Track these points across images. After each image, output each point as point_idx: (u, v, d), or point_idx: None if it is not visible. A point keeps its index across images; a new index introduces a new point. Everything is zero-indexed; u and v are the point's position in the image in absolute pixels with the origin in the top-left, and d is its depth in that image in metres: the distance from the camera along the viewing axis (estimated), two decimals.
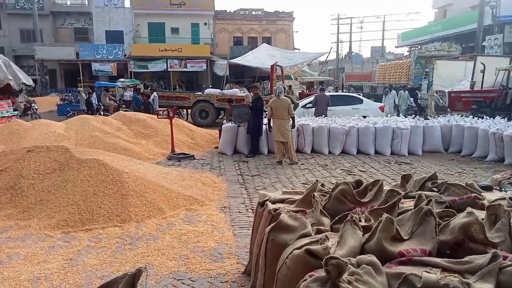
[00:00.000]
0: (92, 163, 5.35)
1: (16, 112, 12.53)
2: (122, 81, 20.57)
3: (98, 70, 27.75)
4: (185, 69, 28.38)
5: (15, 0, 28.74)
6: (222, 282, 3.18)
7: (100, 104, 16.10)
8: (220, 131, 9.60)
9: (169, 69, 27.87)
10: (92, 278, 3.23)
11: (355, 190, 2.78)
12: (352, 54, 46.06)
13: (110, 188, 4.92)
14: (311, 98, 12.34)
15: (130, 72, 27.48)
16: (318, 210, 2.52)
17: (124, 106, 17.29)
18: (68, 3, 29.73)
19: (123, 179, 5.07)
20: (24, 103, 13.84)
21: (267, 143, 9.06)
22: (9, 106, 12.28)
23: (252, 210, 5.05)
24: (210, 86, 23.58)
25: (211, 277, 3.27)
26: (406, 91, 16.40)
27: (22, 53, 28.70)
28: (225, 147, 9.02)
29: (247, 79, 27.29)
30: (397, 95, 16.07)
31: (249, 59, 20.12)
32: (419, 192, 2.69)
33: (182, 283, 3.18)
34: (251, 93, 9.89)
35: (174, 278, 3.24)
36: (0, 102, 11.69)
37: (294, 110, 9.05)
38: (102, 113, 14.95)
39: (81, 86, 22.10)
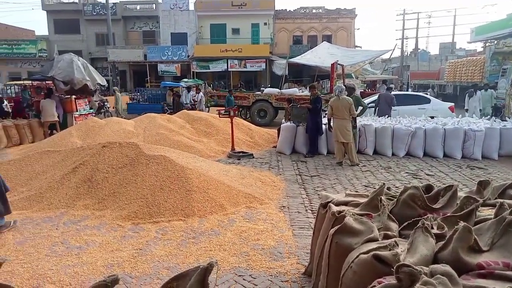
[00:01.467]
0: (159, 159, 5.65)
1: (92, 110, 13.63)
2: (185, 81, 21.44)
3: (164, 70, 29.21)
4: (244, 69, 28.85)
5: (92, 7, 31.24)
6: (282, 282, 3.19)
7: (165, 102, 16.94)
8: (278, 130, 9.62)
9: (229, 69, 28.53)
10: (160, 268, 3.41)
11: (426, 195, 2.63)
12: (419, 51, 43.62)
13: (175, 183, 5.16)
14: (374, 97, 11.90)
15: (193, 72, 28.57)
16: (385, 214, 2.42)
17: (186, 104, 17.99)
18: (138, 7, 31.63)
19: (187, 175, 5.29)
20: (98, 102, 14.97)
21: (326, 143, 8.91)
22: (86, 105, 13.38)
23: (312, 211, 5.00)
24: (269, 85, 23.71)
25: (271, 275, 3.29)
26: (491, 90, 14.21)
27: (96, 56, 31.11)
28: (284, 146, 9.02)
29: (306, 78, 27.06)
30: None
31: (309, 58, 19.91)
32: (500, 200, 2.47)
33: (243, 279, 3.23)
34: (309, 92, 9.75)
35: (236, 274, 3.31)
36: (78, 101, 12.78)
37: (362, 113, 8.76)
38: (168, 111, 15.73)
39: (149, 86, 23.45)
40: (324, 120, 8.98)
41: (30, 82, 15.35)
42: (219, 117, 10.02)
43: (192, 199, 4.92)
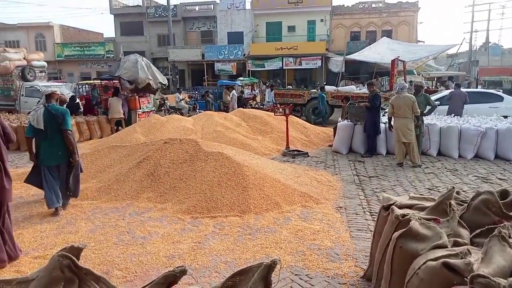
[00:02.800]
0: (217, 156, 5.80)
1: (153, 108, 14.33)
2: (241, 80, 21.78)
3: (220, 69, 29.93)
4: (299, 67, 28.64)
5: (155, 10, 32.83)
6: (340, 284, 3.13)
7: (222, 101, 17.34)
8: (335, 129, 9.43)
9: (284, 67, 28.49)
10: (218, 262, 3.50)
11: (501, 202, 2.43)
12: (490, 44, 40.28)
13: (232, 180, 5.26)
14: (439, 95, 11.20)
15: (248, 71, 28.93)
16: (455, 220, 2.27)
17: (243, 103, 18.28)
18: (197, 8, 32.67)
19: (244, 172, 5.37)
20: (159, 100, 15.69)
21: (386, 143, 8.56)
22: (149, 103, 14.10)
23: (370, 212, 4.84)
24: (325, 83, 23.30)
25: (328, 276, 3.24)
26: None
27: (158, 56, 32.66)
28: (340, 145, 8.82)
29: (364, 75, 26.17)
30: None
31: (367, 54, 19.23)
32: None
33: (300, 278, 3.22)
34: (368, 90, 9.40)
35: (292, 273, 3.30)
36: (142, 99, 13.50)
37: (431, 112, 8.28)
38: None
39: (206, 84, 24.16)
40: (384, 119, 8.63)
41: (99, 81, 16.50)
42: (275, 115, 10.05)
43: (248, 196, 4.99)
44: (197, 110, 16.10)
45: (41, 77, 17.06)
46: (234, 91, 16.93)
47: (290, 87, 21.45)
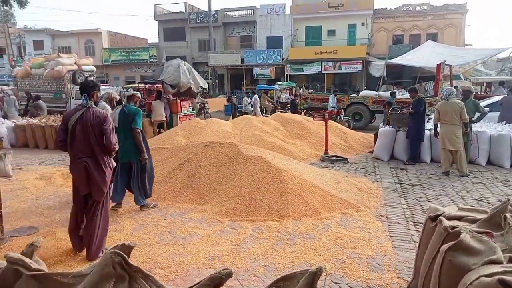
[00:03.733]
0: (256, 159, 5.84)
1: (194, 111, 14.67)
2: (279, 84, 21.81)
3: (259, 74, 30.14)
4: (339, 71, 28.24)
5: (196, 15, 33.70)
6: None
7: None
8: (376, 135, 9.20)
9: (323, 71, 28.20)
10: (256, 265, 3.52)
11: None
12: None
13: (270, 184, 5.27)
14: (489, 101, 10.61)
15: (287, 75, 28.91)
16: (511, 234, 2.14)
17: (280, 108, 18.32)
18: (237, 14, 33.16)
19: (283, 177, 5.36)
20: (199, 103, 16.03)
21: (430, 150, 8.23)
22: (189, 106, 14.46)
23: (413, 222, 4.67)
24: (365, 87, 22.83)
25: (369, 287, 3.16)
26: None
27: (198, 61, 33.44)
28: (381, 152, 8.58)
29: (406, 80, 25.39)
30: None
31: (410, 58, 18.63)
32: None
33: (340, 287, 3.16)
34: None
35: (332, 281, 3.25)
36: (183, 103, 13.87)
37: (481, 119, 7.88)
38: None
39: (244, 89, 24.41)
40: (428, 125, 8.30)
41: (143, 85, 17.15)
42: (314, 120, 9.97)
43: (287, 200, 4.98)
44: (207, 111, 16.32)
45: None
46: (255, 95, 16.95)
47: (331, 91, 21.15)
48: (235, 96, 19.84)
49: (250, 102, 16.82)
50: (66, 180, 6.78)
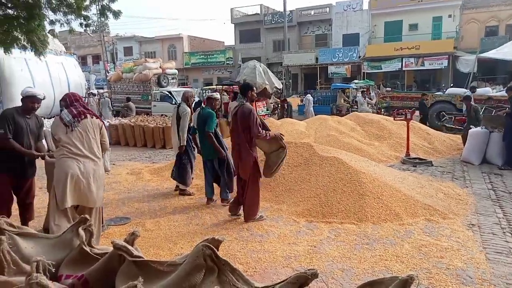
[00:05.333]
0: (332, 160, 5.74)
1: (268, 111, 14.90)
2: (356, 83, 21.12)
3: (334, 72, 29.52)
4: (421, 67, 26.45)
5: (271, 16, 34.10)
6: None
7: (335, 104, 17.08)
8: (463, 136, 8.46)
9: (403, 68, 26.65)
10: (334, 268, 3.46)
11: None
12: None
13: (348, 186, 5.15)
14: None
15: (363, 73, 27.90)
16: None
17: (356, 107, 17.73)
18: (312, 12, 32.84)
19: (361, 179, 5.20)
20: (273, 103, 16.21)
21: None
22: (264, 106, 14.71)
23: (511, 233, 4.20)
24: (451, 85, 21.05)
25: None
26: None
27: (273, 61, 33.79)
28: (472, 155, 7.86)
29: (501, 76, 22.84)
30: None
31: (507, 51, 16.75)
32: None
33: None
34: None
35: None
36: (258, 103, 14.16)
37: None
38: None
39: (318, 88, 24.10)
40: None
41: (220, 86, 17.86)
42: (394, 119, 9.49)
43: (365, 203, 4.82)
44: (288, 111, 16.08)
45: (173, 84, 19.25)
46: (308, 95, 16.47)
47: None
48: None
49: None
50: (153, 176, 7.35)
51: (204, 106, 5.62)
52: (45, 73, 14.50)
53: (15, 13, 10.65)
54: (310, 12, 32.83)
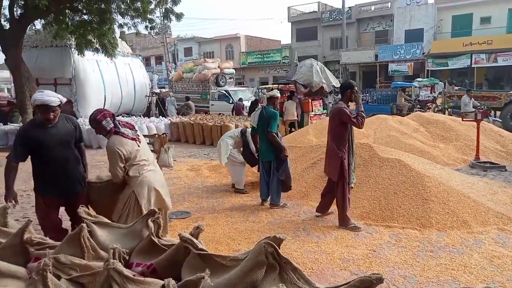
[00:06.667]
0: (393, 162, 5.51)
1: (325, 110, 14.64)
2: (419, 81, 20.05)
3: (394, 70, 28.24)
4: (494, 64, 24.38)
5: (329, 14, 33.46)
6: None
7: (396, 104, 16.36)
8: None
9: (473, 65, 24.76)
10: (395, 274, 3.33)
11: None
12: None
13: (410, 189, 4.91)
14: None
15: (427, 70, 26.38)
16: None
17: (419, 106, 16.83)
18: (372, 8, 31.69)
19: (424, 182, 4.94)
20: (332, 103, 15.85)
21: None
22: (320, 106, 14.49)
23: None
24: None
25: None
26: None
27: (330, 59, 33.15)
28: None
29: None
30: None
31: None
32: None
33: None
34: None
35: None
36: (314, 102, 13.99)
37: None
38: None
39: (378, 87, 23.23)
40: None
41: (276, 85, 17.91)
42: (462, 120, 8.87)
43: (429, 209, 4.56)
44: None
45: (230, 83, 19.68)
46: (331, 95, 15.64)
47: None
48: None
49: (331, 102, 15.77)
50: (211, 173, 7.58)
51: (265, 105, 5.57)
52: (114, 73, 15.56)
53: (89, 18, 11.60)
54: (370, 8, 31.71)
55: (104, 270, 1.54)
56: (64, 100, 3.19)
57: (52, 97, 3.05)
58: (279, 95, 5.77)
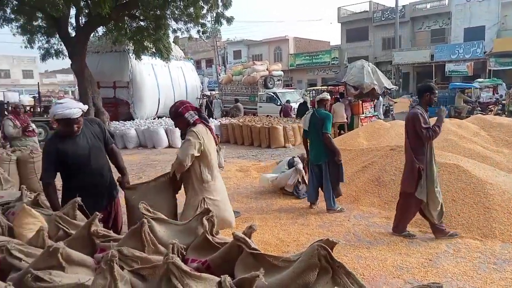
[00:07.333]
0: (451, 168, 5.23)
1: (376, 113, 14.19)
2: (480, 82, 18.81)
3: (452, 70, 26.71)
4: None
5: (381, 13, 32.40)
6: None
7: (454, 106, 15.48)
8: None
9: None
10: (453, 286, 3.15)
11: None
12: None
13: (470, 197, 4.63)
14: None
15: (489, 70, 24.66)
16: None
17: (479, 109, 15.79)
18: (428, 6, 30.24)
19: (487, 190, 4.63)
20: (386, 105, 15.27)
21: None
22: (371, 108, 14.07)
23: None
24: None
25: None
26: None
27: (381, 60, 32.07)
28: None
29: None
30: None
31: None
32: None
33: None
34: None
35: None
36: (365, 104, 13.61)
37: None
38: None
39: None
40: None
41: (325, 87, 17.67)
42: None
43: (492, 218, 4.27)
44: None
45: (278, 85, 19.73)
46: (380, 97, 14.68)
47: None
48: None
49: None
50: (259, 174, 7.64)
51: (317, 108, 5.46)
52: (167, 76, 16.25)
53: (145, 24, 12.23)
54: (425, 5, 30.31)
55: (164, 263, 1.62)
56: (86, 107, 2.92)
57: (73, 109, 2.76)
58: (329, 97, 5.68)
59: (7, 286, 1.34)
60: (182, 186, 3.33)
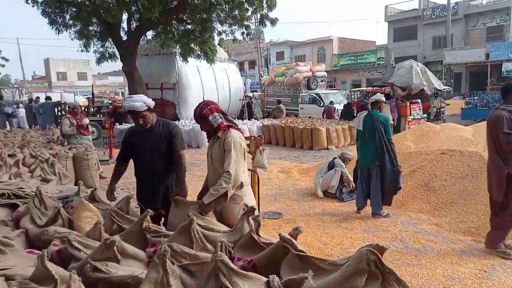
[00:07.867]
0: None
1: (425, 115, 13.58)
2: None
3: (509, 70, 24.94)
4: None
5: (432, 11, 30.95)
6: None
7: None
8: None
9: None
10: None
11: None
12: None
13: None
14: None
15: None
16: None
17: None
18: (484, 2, 28.48)
19: None
20: (437, 107, 14.53)
21: None
22: (420, 109, 13.49)
23: None
24: None
25: None
26: None
27: (431, 60, 30.63)
28: None
29: None
30: None
31: None
32: None
33: None
34: None
35: None
36: (413, 105, 13.09)
37: None
38: None
39: (489, 89, 20.78)
40: None
41: (371, 88, 17.20)
42: None
43: None
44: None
45: (322, 86, 19.49)
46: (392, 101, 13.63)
47: None
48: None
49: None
50: (301, 175, 7.60)
51: (371, 109, 5.18)
52: (212, 78, 16.59)
53: (192, 27, 12.58)
54: (481, 1, 28.55)
55: (212, 261, 1.66)
56: (152, 104, 3.06)
57: (137, 102, 2.94)
58: (384, 99, 5.45)
59: (71, 274, 1.43)
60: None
